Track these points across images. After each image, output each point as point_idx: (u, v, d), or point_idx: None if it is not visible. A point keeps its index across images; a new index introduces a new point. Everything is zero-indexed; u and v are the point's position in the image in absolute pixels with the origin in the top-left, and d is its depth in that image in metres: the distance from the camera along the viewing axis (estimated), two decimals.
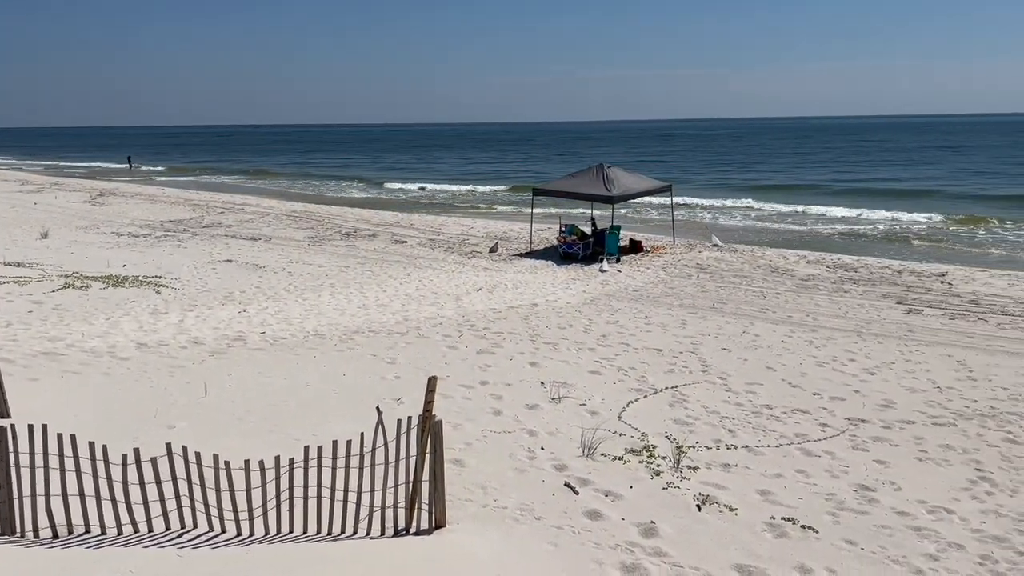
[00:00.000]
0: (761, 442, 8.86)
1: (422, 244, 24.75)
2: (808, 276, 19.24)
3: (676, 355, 12.42)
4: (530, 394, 10.42)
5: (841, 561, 6.29)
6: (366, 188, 53.26)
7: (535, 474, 7.88)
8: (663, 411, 9.84)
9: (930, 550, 6.50)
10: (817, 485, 7.76)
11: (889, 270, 20.04)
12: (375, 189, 52.51)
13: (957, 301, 16.37)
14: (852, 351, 12.73)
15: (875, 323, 14.63)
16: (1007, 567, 6.26)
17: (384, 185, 54.77)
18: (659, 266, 20.68)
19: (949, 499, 7.51)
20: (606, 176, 22.31)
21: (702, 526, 6.86)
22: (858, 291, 17.47)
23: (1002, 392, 10.71)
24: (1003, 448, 8.79)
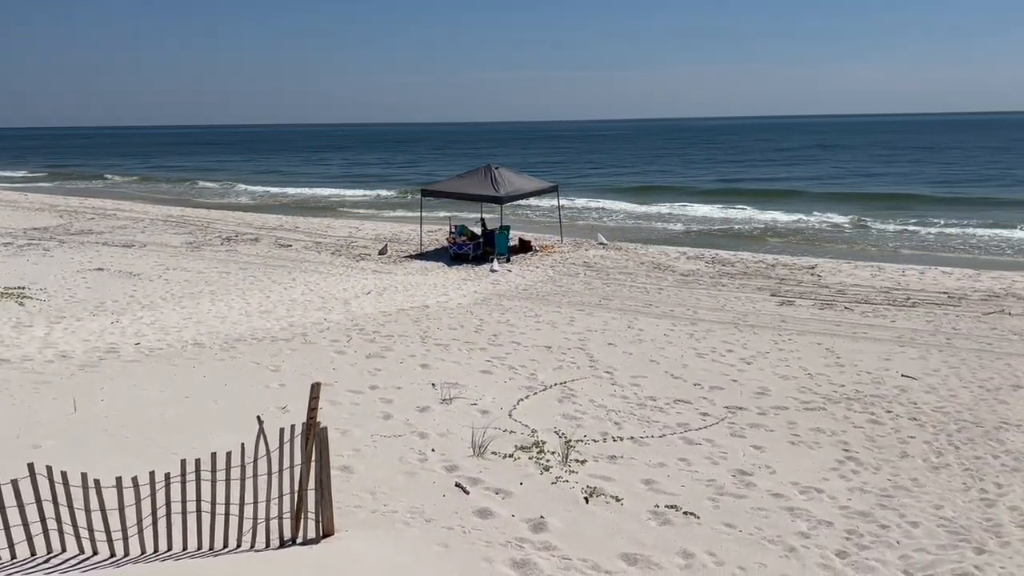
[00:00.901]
0: (646, 433, 9.12)
1: (308, 247, 24.21)
2: (688, 272, 19.96)
3: (565, 351, 12.62)
4: (421, 396, 10.36)
5: (721, 544, 6.55)
6: (249, 191, 51.62)
7: (426, 476, 7.84)
8: (552, 407, 9.99)
9: (802, 528, 6.86)
10: (698, 472, 8.06)
11: (763, 264, 21.03)
12: (258, 191, 50.98)
13: (826, 292, 17.34)
14: (730, 342, 13.27)
15: (751, 315, 15.31)
16: (871, 540, 6.67)
17: (268, 188, 53.25)
18: (548, 265, 20.97)
19: (819, 479, 7.94)
20: (494, 177, 22.45)
21: (590, 518, 7.00)
22: (735, 285, 18.25)
23: (866, 376, 11.41)
24: (867, 429, 9.36)
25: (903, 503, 7.39)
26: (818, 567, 6.20)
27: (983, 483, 7.83)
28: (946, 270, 20.05)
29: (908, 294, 16.96)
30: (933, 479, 7.94)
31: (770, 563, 6.25)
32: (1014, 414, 9.78)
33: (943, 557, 6.38)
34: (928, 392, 10.66)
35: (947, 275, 19.21)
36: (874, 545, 6.57)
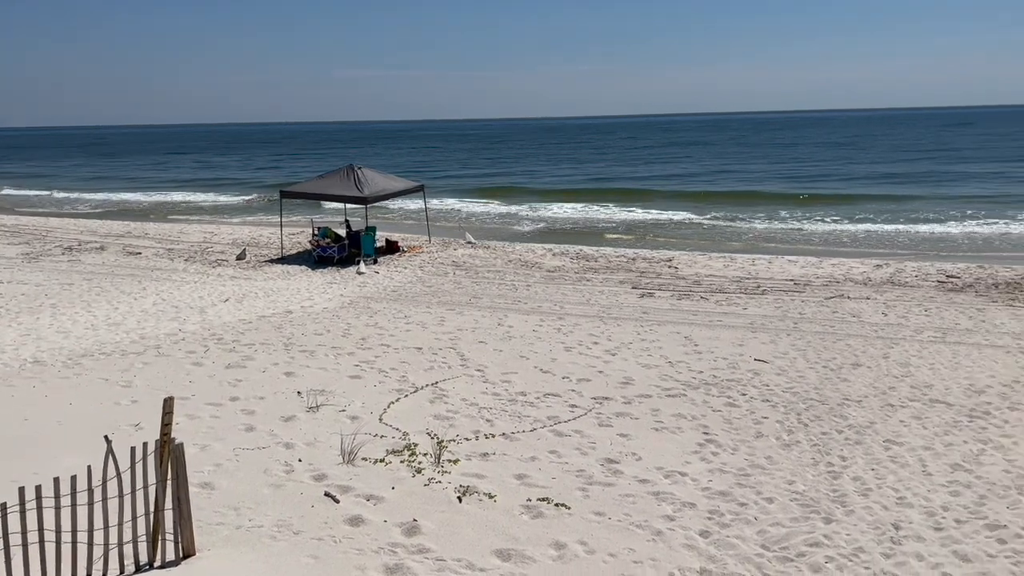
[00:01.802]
0: (517, 428, 9.20)
1: (159, 255, 22.96)
2: (555, 268, 20.33)
3: (436, 352, 12.55)
4: (286, 406, 10.02)
5: (592, 533, 6.69)
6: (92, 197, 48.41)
7: (293, 488, 7.58)
8: (424, 408, 9.90)
9: (668, 511, 7.10)
10: (568, 463, 8.19)
11: (625, 258, 21.70)
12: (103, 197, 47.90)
13: (683, 283, 18.08)
14: (596, 335, 13.60)
15: (615, 308, 15.76)
16: (731, 518, 6.99)
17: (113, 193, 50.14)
18: (416, 265, 20.81)
19: (682, 463, 8.25)
20: (357, 177, 22.05)
21: (464, 517, 6.97)
22: (599, 279, 18.74)
23: (722, 362, 11.97)
24: (725, 412, 9.82)
25: (759, 480, 7.79)
26: (683, 548, 6.43)
27: (829, 457, 8.37)
28: (791, 259, 21.36)
29: (758, 282, 17.95)
30: (785, 456, 8.41)
31: (638, 548, 6.43)
32: (854, 391, 10.52)
33: (796, 529, 6.77)
34: (779, 374, 11.30)
35: (792, 264, 20.46)
36: (734, 523, 6.89)
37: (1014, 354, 12.03)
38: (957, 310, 14.95)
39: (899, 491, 7.48)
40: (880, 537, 6.59)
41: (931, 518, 6.94)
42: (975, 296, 16.10)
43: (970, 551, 6.36)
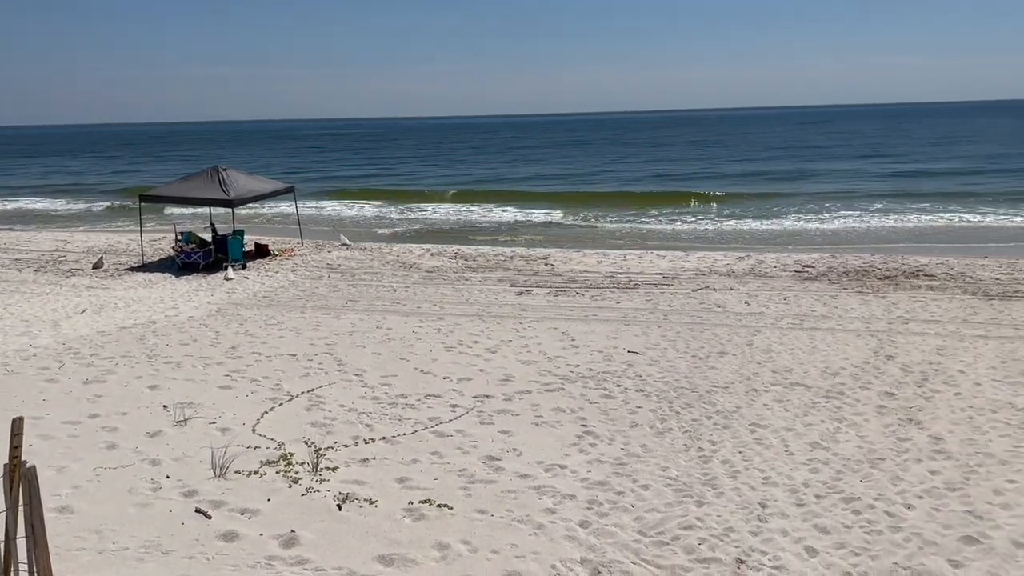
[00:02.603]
0: (398, 431, 9.09)
1: (5, 265, 21.33)
2: (433, 268, 20.25)
3: (311, 358, 12.24)
4: (151, 421, 9.52)
5: (474, 531, 6.70)
6: None
7: (161, 506, 7.21)
8: (300, 416, 9.63)
9: (549, 504, 7.20)
10: (450, 464, 8.17)
11: (502, 257, 21.88)
12: None
13: (559, 280, 18.41)
14: (476, 333, 13.64)
15: (494, 306, 15.86)
16: (609, 507, 7.16)
17: None
18: (288, 269, 20.24)
19: (562, 456, 8.39)
20: (223, 179, 21.21)
21: (344, 525, 6.83)
22: (477, 278, 18.81)
23: (598, 355, 12.26)
24: (601, 404, 10.05)
25: (635, 469, 8.02)
26: (564, 539, 6.54)
27: (700, 442, 8.71)
28: (661, 254, 22.14)
29: (630, 277, 18.50)
30: (659, 443, 8.70)
31: (521, 542, 6.49)
32: (721, 377, 11.00)
33: (671, 513, 7.01)
34: (651, 365, 11.68)
35: (662, 258, 21.21)
36: (612, 511, 7.06)
37: (864, 337, 12.91)
38: (813, 297, 15.90)
39: (764, 471, 7.88)
40: (748, 516, 6.93)
41: (794, 495, 7.35)
42: (828, 284, 17.18)
43: (829, 523, 6.77)
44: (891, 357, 11.73)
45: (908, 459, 8.11)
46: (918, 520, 6.79)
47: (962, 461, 8.03)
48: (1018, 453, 8.19)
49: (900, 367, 11.25)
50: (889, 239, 25.99)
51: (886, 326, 13.54)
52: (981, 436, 8.69)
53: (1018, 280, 16.94)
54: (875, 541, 6.46)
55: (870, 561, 6.16)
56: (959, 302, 15.16)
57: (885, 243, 24.94)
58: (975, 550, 6.29)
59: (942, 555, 6.22)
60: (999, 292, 15.82)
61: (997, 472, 7.76)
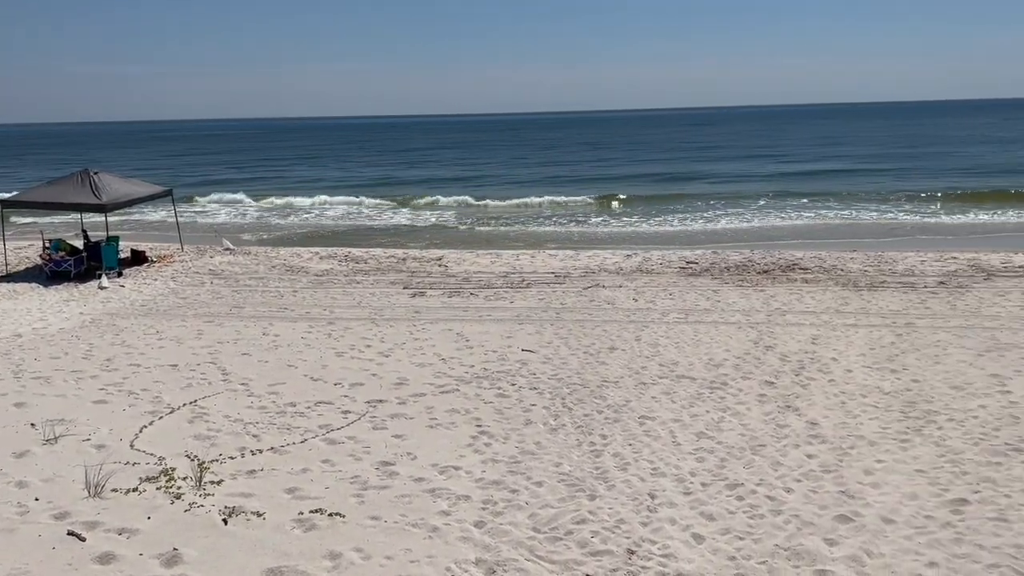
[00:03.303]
0: (287, 441, 8.84)
1: None
2: (323, 271, 19.82)
3: (193, 368, 11.75)
4: (17, 440, 8.90)
5: (367, 538, 6.57)
6: None
7: (29, 531, 6.74)
8: (182, 429, 9.22)
9: (443, 507, 7.16)
10: (342, 471, 8.00)
11: (395, 259, 21.65)
12: None
13: (453, 281, 18.36)
14: (368, 337, 13.43)
15: (387, 309, 15.65)
16: (504, 506, 7.18)
17: None
18: (168, 276, 19.37)
19: (457, 457, 8.35)
20: (94, 183, 20.07)
21: (230, 539, 6.57)
22: (369, 281, 18.53)
23: (492, 355, 12.28)
24: (496, 403, 10.07)
25: (529, 466, 8.07)
26: (459, 541, 6.51)
27: (591, 436, 8.86)
28: (553, 252, 22.43)
29: (523, 276, 18.65)
30: (552, 440, 8.79)
31: (415, 547, 6.41)
32: (611, 372, 11.23)
33: (564, 508, 7.09)
34: (544, 362, 11.80)
35: (553, 257, 21.48)
36: (507, 510, 7.08)
37: (744, 329, 13.44)
38: (697, 292, 16.45)
39: (653, 462, 8.08)
40: (638, 507, 7.09)
41: (681, 484, 7.56)
42: (711, 279, 17.81)
43: (714, 510, 7.01)
44: (770, 347, 12.26)
45: (787, 444, 8.49)
46: (796, 502, 7.12)
47: (836, 444, 8.47)
48: (886, 434, 8.71)
49: (778, 357, 11.77)
50: (768, 236, 27.23)
51: (765, 318, 14.15)
52: (853, 420, 9.19)
53: (883, 272, 18.04)
54: (757, 525, 6.72)
55: (753, 544, 6.40)
56: (831, 293, 16.00)
57: (764, 239, 26.11)
58: (848, 528, 6.64)
59: (819, 534, 6.54)
60: (867, 283, 16.80)
61: (867, 453, 8.22)
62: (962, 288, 16.03)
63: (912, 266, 18.58)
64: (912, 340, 12.43)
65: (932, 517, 6.79)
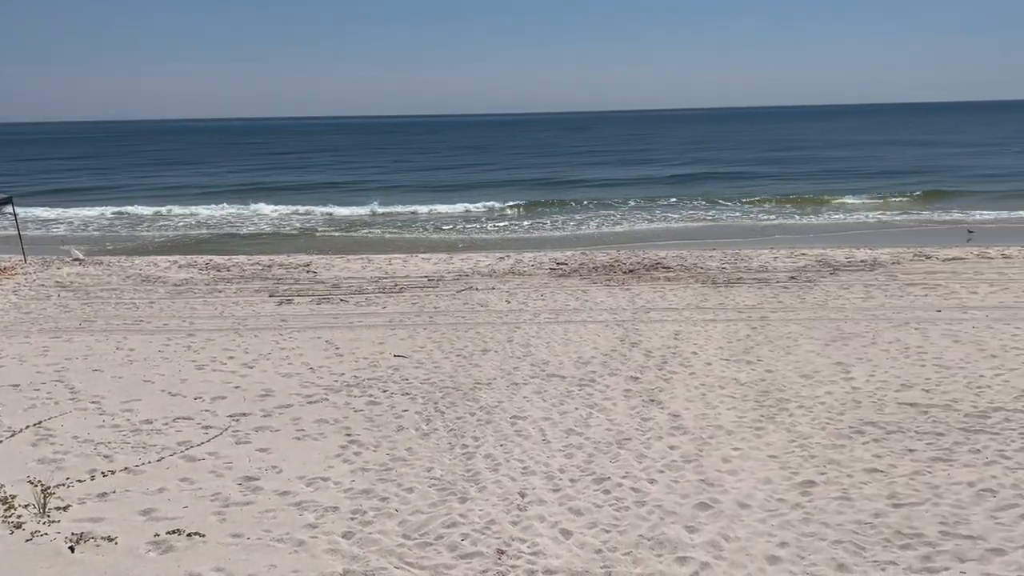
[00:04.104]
0: (142, 460, 8.36)
1: None
2: (182, 281, 18.91)
3: (38, 387, 10.94)
4: None
5: (229, 557, 6.31)
6: None
7: None
8: (24, 453, 8.56)
9: (310, 520, 6.96)
10: (202, 489, 7.65)
11: (260, 265, 20.93)
12: None
13: (322, 287, 17.94)
14: (231, 349, 12.91)
15: (251, 318, 15.11)
16: (374, 515, 7.06)
17: None
18: (9, 290, 17.96)
19: (325, 468, 8.15)
20: None
21: (77, 568, 6.15)
22: (232, 289, 17.84)
23: (364, 362, 12.07)
24: (367, 411, 9.90)
25: (400, 473, 7.98)
26: (326, 553, 6.35)
27: (464, 439, 8.85)
28: (425, 256, 22.32)
29: (395, 281, 18.46)
30: (424, 445, 8.73)
31: (279, 562, 6.21)
32: (484, 374, 11.27)
33: (435, 513, 7.05)
34: (417, 367, 11.71)
35: (426, 261, 21.38)
36: (377, 519, 6.97)
37: (611, 327, 13.81)
38: (566, 293, 16.77)
39: (524, 461, 8.16)
40: (509, 507, 7.14)
41: (550, 481, 7.68)
42: (580, 279, 18.21)
43: (582, 505, 7.15)
44: (635, 344, 12.65)
45: (651, 437, 8.78)
46: (659, 493, 7.36)
47: (696, 435, 8.83)
48: (742, 423, 9.15)
49: (643, 352, 12.16)
50: (636, 237, 28.15)
51: (631, 316, 14.59)
52: (712, 410, 9.61)
53: (740, 268, 18.99)
54: (623, 517, 6.91)
55: (619, 536, 6.57)
56: (692, 290, 16.69)
57: (631, 241, 26.97)
58: (707, 515, 6.93)
59: (680, 522, 6.79)
60: (725, 280, 17.63)
61: (725, 442, 8.61)
62: (810, 282, 17.09)
63: (766, 263, 19.66)
64: (766, 333, 13.14)
65: (783, 500, 7.18)
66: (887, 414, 9.29)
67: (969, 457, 8.01)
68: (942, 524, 6.66)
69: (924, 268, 18.39)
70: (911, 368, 11.00)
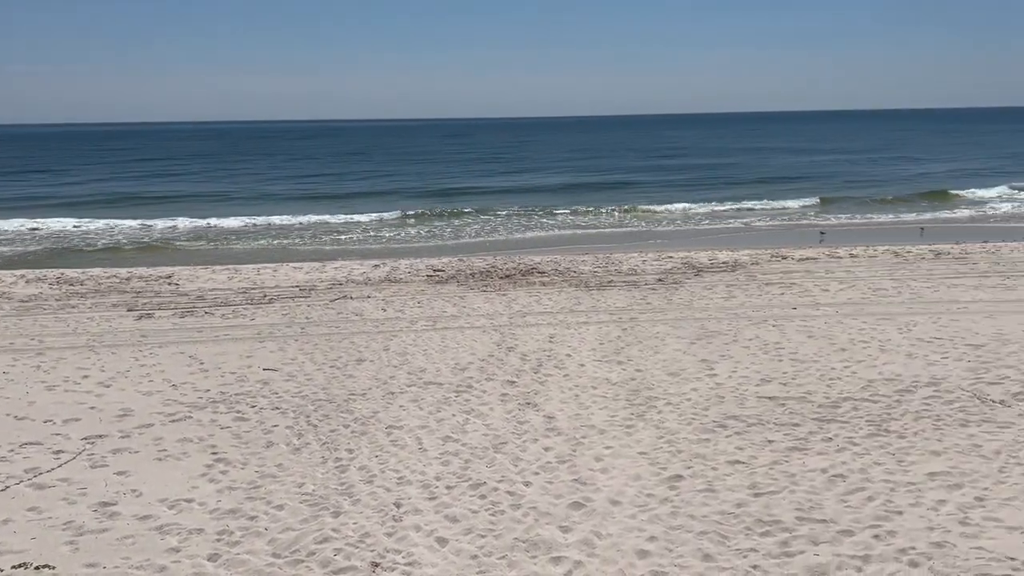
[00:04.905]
0: None
1: None
2: (29, 296, 17.62)
3: None
4: None
5: None
6: None
7: None
8: None
9: (172, 544, 6.62)
10: (52, 518, 7.13)
11: (117, 279, 19.79)
12: None
13: (185, 300, 17.15)
14: (85, 367, 12.13)
15: (108, 334, 14.25)
16: (241, 535, 6.78)
17: None
18: None
19: (189, 489, 7.77)
20: None
21: None
22: (87, 304, 16.77)
23: (231, 376, 11.61)
24: (234, 428, 9.52)
25: (270, 490, 7.71)
26: None
27: (337, 452, 8.66)
28: (297, 265, 21.74)
29: (264, 292, 17.88)
30: (296, 460, 8.47)
31: None
32: (359, 385, 11.07)
33: (306, 529, 6.85)
34: (288, 380, 11.37)
35: (298, 270, 20.84)
36: (244, 538, 6.70)
37: (488, 332, 13.88)
38: (444, 299, 16.73)
39: (400, 471, 8.06)
40: (384, 518, 7.02)
41: (426, 489, 7.61)
42: (457, 286, 18.22)
43: (458, 512, 7.13)
44: (512, 348, 12.76)
45: (527, 440, 8.87)
46: (535, 495, 7.44)
47: (570, 435, 8.98)
48: (613, 422, 9.39)
49: (519, 356, 12.28)
50: (512, 243, 28.44)
51: (507, 320, 14.72)
52: (585, 411, 9.80)
53: (611, 272, 19.52)
54: (498, 521, 6.93)
55: (494, 541, 6.59)
56: (566, 294, 17.01)
57: (508, 247, 27.23)
58: (580, 513, 7.06)
59: (554, 523, 6.88)
60: (597, 283, 18.07)
61: (598, 441, 8.81)
62: (677, 284, 17.76)
63: (635, 266, 20.30)
64: (636, 333, 13.55)
65: (652, 495, 7.41)
66: (748, 408, 9.76)
67: (822, 445, 8.51)
68: (798, 510, 7.04)
69: (781, 268, 19.49)
70: (770, 363, 11.61)
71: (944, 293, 16.04)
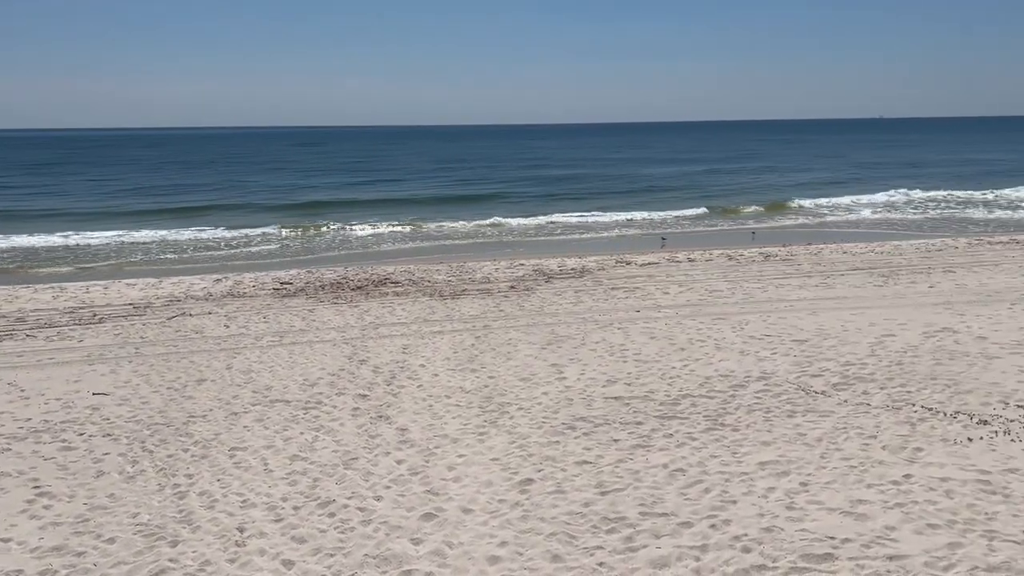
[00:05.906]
0: None
1: None
2: None
3: None
4: None
5: None
6: None
7: None
8: None
9: None
10: None
11: None
12: None
13: (3, 322, 15.76)
14: None
15: None
16: (66, 573, 6.29)
17: None
18: None
19: (6, 528, 7.13)
20: None
21: None
22: None
23: (55, 403, 10.77)
24: (59, 458, 8.83)
25: (100, 523, 7.19)
26: None
27: (176, 478, 8.20)
28: (130, 282, 20.46)
29: (94, 311, 16.70)
30: (130, 489, 7.95)
31: None
32: (199, 406, 10.54)
33: (141, 562, 6.44)
34: (121, 404, 10.67)
35: (131, 287, 19.61)
36: None
37: (339, 345, 13.59)
38: (292, 313, 16.24)
39: (243, 494, 7.73)
40: (226, 544, 6.71)
41: (272, 511, 7.34)
42: (306, 299, 17.73)
43: (306, 532, 6.91)
44: (364, 361, 12.55)
45: (378, 454, 8.73)
46: (386, 509, 7.33)
47: (423, 446, 8.93)
48: (466, 430, 9.41)
49: (372, 369, 12.10)
50: (365, 255, 27.99)
51: (359, 333, 14.46)
52: (438, 420, 9.77)
53: (465, 280, 19.61)
54: (348, 538, 6.78)
55: (343, 559, 6.44)
56: (420, 304, 16.93)
57: (360, 258, 26.77)
58: (432, 524, 7.02)
59: (405, 536, 6.81)
60: (451, 292, 18.10)
61: (451, 450, 8.80)
62: (528, 291, 18.08)
63: (488, 274, 20.49)
64: (489, 340, 13.66)
65: (504, 500, 7.48)
66: (595, 408, 10.05)
67: (664, 442, 8.89)
68: (641, 505, 7.31)
69: (625, 273, 20.25)
70: (615, 364, 12.01)
71: (773, 293, 17.19)
